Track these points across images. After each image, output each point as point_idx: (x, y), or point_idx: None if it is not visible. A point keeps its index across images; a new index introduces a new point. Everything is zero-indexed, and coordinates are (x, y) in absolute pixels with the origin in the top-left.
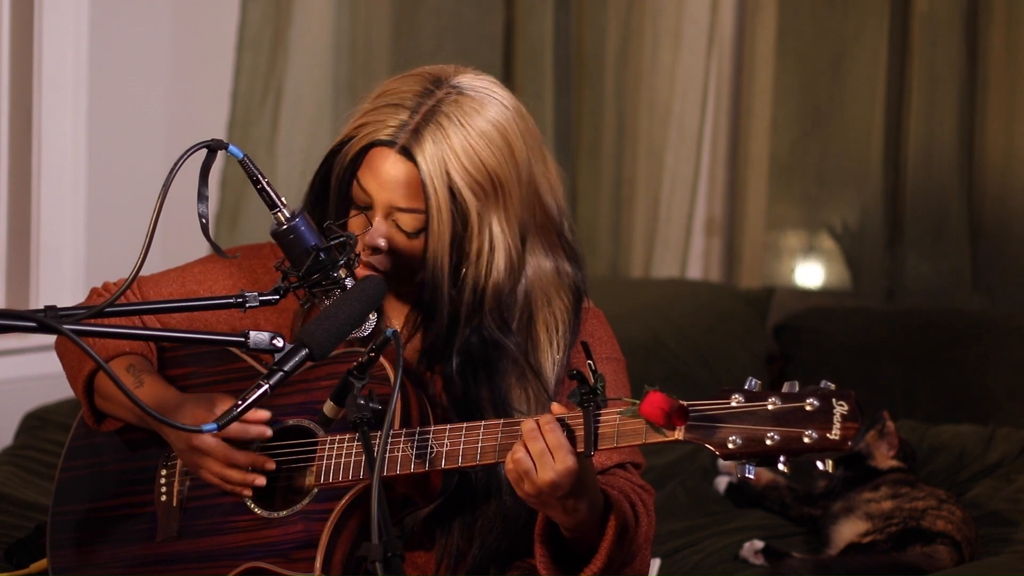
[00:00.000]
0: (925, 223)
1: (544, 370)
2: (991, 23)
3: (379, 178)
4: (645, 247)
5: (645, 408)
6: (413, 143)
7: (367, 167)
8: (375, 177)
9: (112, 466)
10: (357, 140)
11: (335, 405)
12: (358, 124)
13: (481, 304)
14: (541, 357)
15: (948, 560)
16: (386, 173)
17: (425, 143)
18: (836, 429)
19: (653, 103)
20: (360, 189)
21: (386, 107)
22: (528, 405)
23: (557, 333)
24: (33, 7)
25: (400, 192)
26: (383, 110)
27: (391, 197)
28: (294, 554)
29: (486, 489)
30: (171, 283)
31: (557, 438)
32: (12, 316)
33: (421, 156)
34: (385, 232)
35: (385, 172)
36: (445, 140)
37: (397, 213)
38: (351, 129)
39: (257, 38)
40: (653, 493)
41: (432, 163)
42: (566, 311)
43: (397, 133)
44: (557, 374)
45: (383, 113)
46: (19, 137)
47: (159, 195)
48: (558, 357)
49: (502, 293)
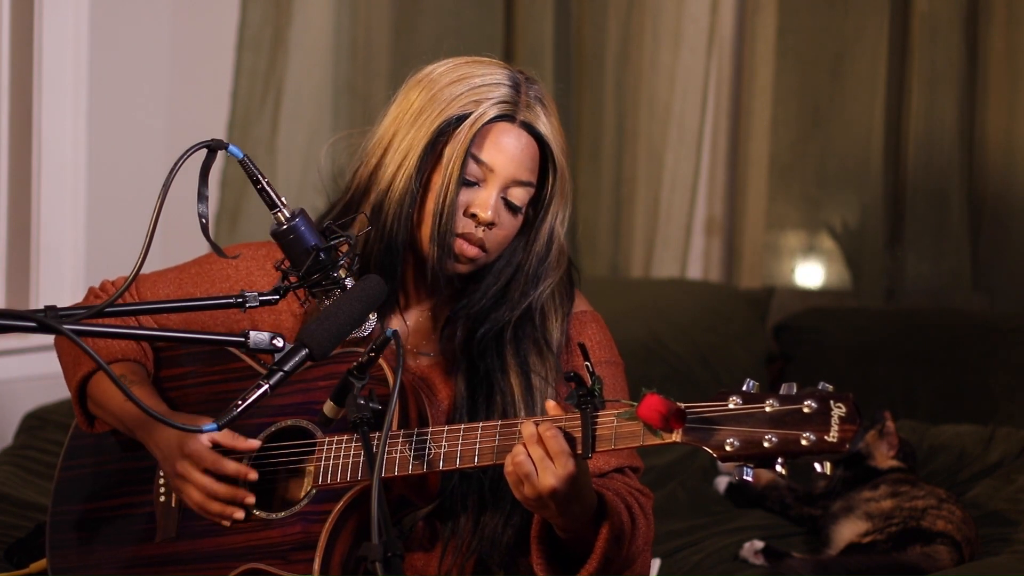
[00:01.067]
0: (925, 223)
1: (554, 339)
2: (991, 23)
3: (507, 152)
4: (645, 247)
5: (642, 411)
6: (532, 117)
7: (489, 143)
8: (502, 151)
9: (111, 466)
10: (474, 119)
11: (335, 405)
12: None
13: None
14: (550, 325)
15: (948, 560)
16: (513, 147)
17: (540, 116)
18: (834, 431)
19: (653, 103)
20: (476, 164)
21: (484, 86)
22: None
23: (556, 300)
24: (33, 7)
25: (525, 165)
26: (484, 89)
27: (516, 171)
28: (293, 555)
29: (492, 488)
30: (168, 284)
31: (559, 443)
32: (12, 316)
33: (544, 129)
34: (499, 206)
35: (512, 146)
36: (551, 116)
37: (513, 188)
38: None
39: (257, 38)
40: (651, 496)
41: (552, 136)
42: (563, 281)
43: (513, 108)
44: (558, 342)
45: (487, 91)
46: (19, 137)
47: (159, 195)
48: (558, 323)
49: (549, 269)
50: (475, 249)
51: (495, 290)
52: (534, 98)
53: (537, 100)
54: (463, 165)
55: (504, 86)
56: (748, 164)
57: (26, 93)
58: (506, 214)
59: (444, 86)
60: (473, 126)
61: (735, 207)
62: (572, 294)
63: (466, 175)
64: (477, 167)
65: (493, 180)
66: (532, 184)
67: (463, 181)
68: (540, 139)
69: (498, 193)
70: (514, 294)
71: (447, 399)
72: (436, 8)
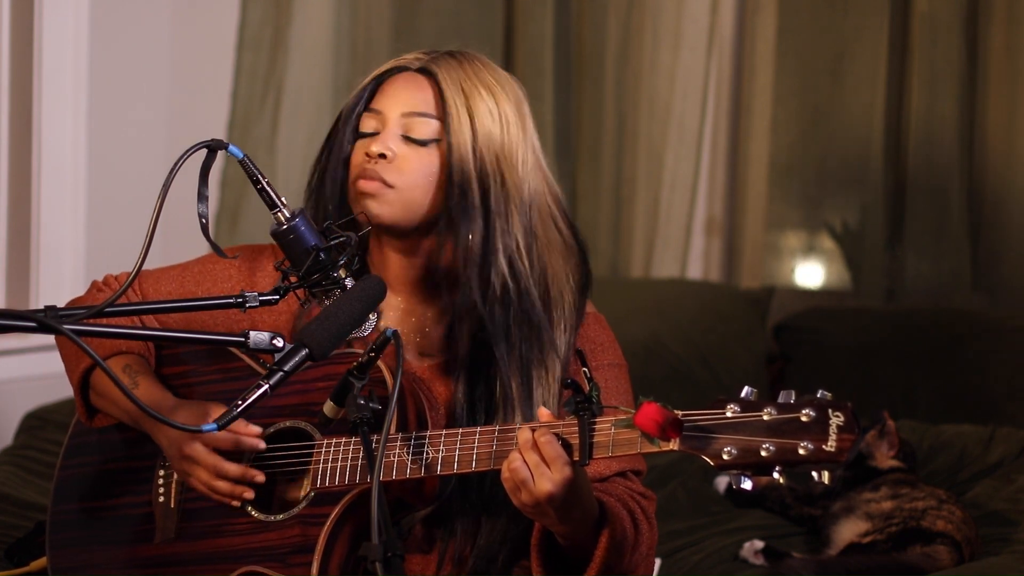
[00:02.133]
0: (925, 223)
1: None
2: (991, 23)
3: (393, 91)
4: (645, 247)
5: (639, 419)
6: (431, 63)
7: (380, 93)
8: (389, 94)
9: (111, 465)
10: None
11: (335, 405)
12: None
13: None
14: (557, 334)
15: (948, 560)
16: (400, 85)
17: (443, 63)
18: (832, 441)
19: (653, 103)
20: (370, 114)
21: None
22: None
23: (563, 311)
24: (33, 7)
25: (415, 99)
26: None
27: (404, 104)
28: (291, 558)
29: (490, 490)
30: (171, 281)
31: (554, 449)
32: (12, 316)
33: (439, 70)
34: (393, 141)
35: (399, 85)
36: (460, 66)
37: (409, 120)
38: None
39: (257, 38)
40: (654, 499)
41: (449, 75)
42: (572, 292)
43: (414, 62)
44: (565, 356)
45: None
46: (19, 137)
47: (159, 195)
48: (565, 335)
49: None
50: (373, 183)
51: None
52: (447, 55)
53: (451, 56)
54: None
55: (420, 53)
56: (748, 164)
57: (26, 93)
58: (407, 147)
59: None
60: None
61: (735, 207)
62: (583, 309)
63: (364, 129)
64: (370, 116)
65: (386, 121)
66: (431, 115)
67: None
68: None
69: (392, 130)
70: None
71: (446, 402)
72: (436, 8)
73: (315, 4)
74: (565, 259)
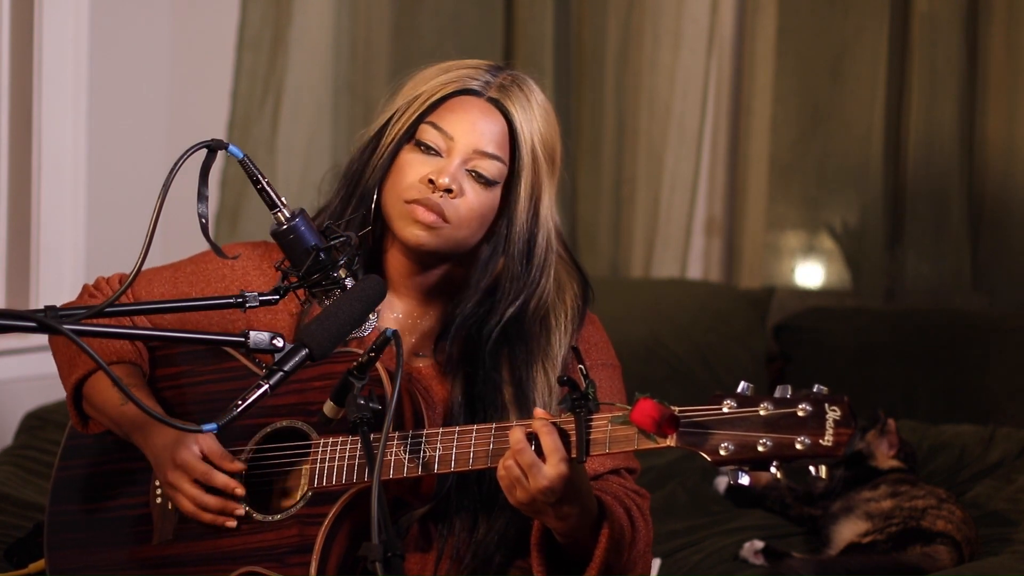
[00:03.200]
0: (925, 223)
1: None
2: (991, 23)
3: (467, 119)
4: (645, 247)
5: (636, 416)
6: (503, 97)
7: (450, 111)
8: (462, 119)
9: (108, 466)
10: (438, 88)
11: (335, 405)
12: (427, 86)
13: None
14: (553, 339)
15: (948, 560)
16: (476, 116)
17: (515, 99)
18: (829, 435)
19: (653, 103)
20: (437, 132)
21: (460, 70)
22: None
23: (564, 316)
24: (33, 7)
25: (488, 136)
26: (459, 71)
27: (478, 140)
28: (289, 559)
29: (489, 488)
30: (163, 283)
31: (553, 441)
32: (12, 316)
33: (514, 109)
34: (461, 174)
35: (475, 115)
36: (529, 106)
37: (478, 159)
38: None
39: (257, 38)
40: (648, 497)
41: (523, 118)
42: (575, 296)
43: (485, 87)
44: (563, 360)
45: (461, 73)
46: (19, 137)
47: (159, 195)
48: (564, 339)
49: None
50: (432, 216)
51: (486, 282)
52: (514, 85)
53: (517, 87)
54: (413, 124)
55: (481, 70)
56: (748, 164)
57: (26, 93)
58: (472, 185)
59: (426, 76)
60: (434, 94)
61: (735, 207)
62: (583, 315)
63: (426, 141)
64: (438, 135)
65: (454, 149)
66: (501, 159)
67: (419, 144)
68: (509, 119)
69: (460, 162)
70: (504, 284)
71: (443, 403)
72: (436, 8)
73: (315, 4)
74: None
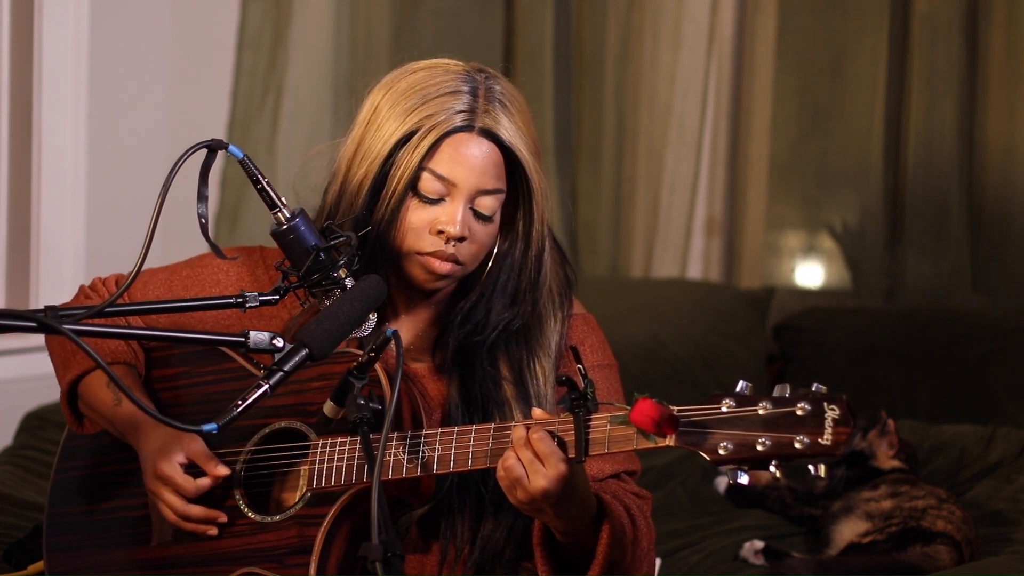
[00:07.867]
0: (925, 223)
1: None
2: (991, 23)
3: (467, 163)
4: (645, 247)
5: (635, 416)
6: (492, 124)
7: (447, 156)
8: (461, 163)
9: (106, 468)
10: (427, 132)
11: (335, 405)
12: (416, 120)
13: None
14: (547, 330)
15: (948, 560)
16: (473, 158)
17: (501, 121)
18: (828, 434)
19: (653, 103)
20: (437, 180)
21: (441, 97)
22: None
23: (553, 303)
24: (33, 7)
25: (489, 174)
26: (440, 100)
27: (479, 181)
28: (288, 560)
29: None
30: (159, 285)
31: (547, 446)
32: (12, 316)
33: (504, 133)
34: (468, 219)
35: (472, 157)
36: (513, 117)
37: (480, 198)
38: (407, 127)
39: (257, 38)
40: (649, 499)
41: (513, 136)
42: (561, 284)
43: (471, 117)
44: (557, 348)
45: (444, 102)
46: (19, 137)
47: (159, 195)
48: (556, 327)
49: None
50: (448, 265)
51: (502, 302)
52: (494, 101)
53: (497, 102)
54: (411, 180)
55: (461, 93)
56: (748, 164)
57: (26, 93)
58: (477, 224)
59: (401, 97)
60: (423, 140)
61: (735, 207)
62: (570, 296)
63: (427, 193)
64: (439, 183)
65: (457, 194)
66: (500, 191)
67: (423, 198)
68: (502, 144)
69: (464, 206)
70: (523, 297)
71: (441, 402)
72: (436, 8)
73: (315, 4)
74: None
